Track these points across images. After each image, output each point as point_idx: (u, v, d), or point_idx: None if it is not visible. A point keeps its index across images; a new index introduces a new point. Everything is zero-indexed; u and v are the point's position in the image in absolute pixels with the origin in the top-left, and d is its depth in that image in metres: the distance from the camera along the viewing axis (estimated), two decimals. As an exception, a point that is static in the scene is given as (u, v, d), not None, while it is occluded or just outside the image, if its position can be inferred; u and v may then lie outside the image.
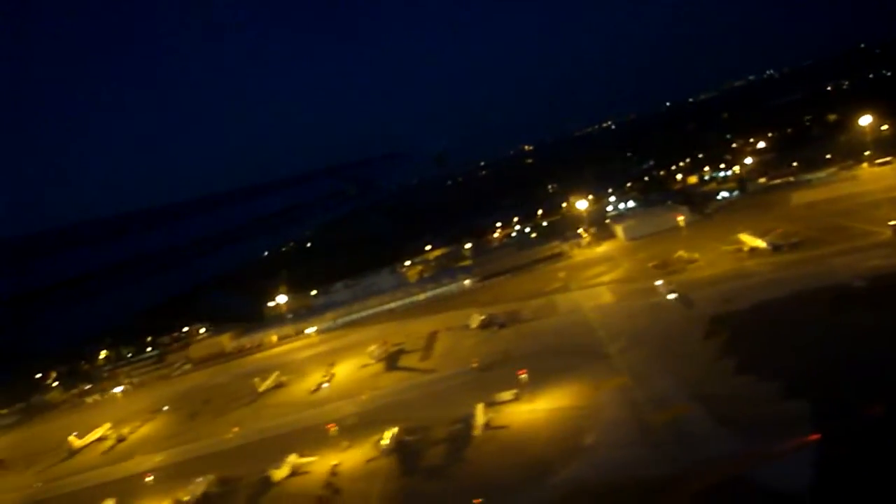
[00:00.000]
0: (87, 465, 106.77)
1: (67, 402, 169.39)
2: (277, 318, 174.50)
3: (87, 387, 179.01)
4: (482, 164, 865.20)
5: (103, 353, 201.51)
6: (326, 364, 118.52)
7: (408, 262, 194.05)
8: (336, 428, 79.64)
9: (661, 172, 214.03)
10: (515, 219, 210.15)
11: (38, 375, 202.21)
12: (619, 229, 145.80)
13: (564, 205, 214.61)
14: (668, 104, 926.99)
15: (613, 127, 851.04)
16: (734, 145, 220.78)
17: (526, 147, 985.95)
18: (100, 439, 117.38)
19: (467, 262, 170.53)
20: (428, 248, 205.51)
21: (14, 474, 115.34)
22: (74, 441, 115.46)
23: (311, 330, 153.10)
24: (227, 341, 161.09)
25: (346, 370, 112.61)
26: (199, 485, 76.85)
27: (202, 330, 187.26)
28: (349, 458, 74.35)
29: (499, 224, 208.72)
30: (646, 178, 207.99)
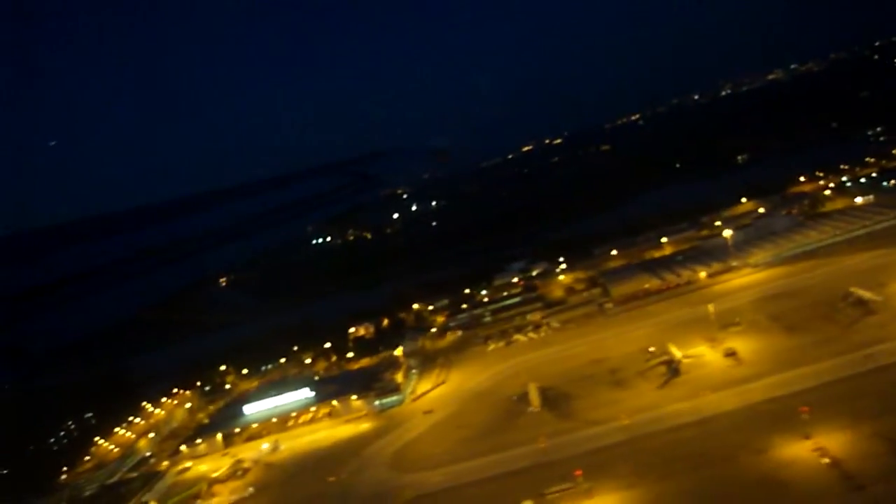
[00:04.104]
0: (716, 381, 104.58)
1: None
2: (667, 259, 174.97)
3: (458, 333, 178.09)
4: (510, 157, 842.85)
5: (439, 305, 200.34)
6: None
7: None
8: None
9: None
10: (819, 174, 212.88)
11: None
12: None
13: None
14: (696, 97, 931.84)
15: (642, 122, 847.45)
16: None
17: (547, 141, 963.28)
18: (665, 362, 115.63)
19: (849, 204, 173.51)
20: (743, 199, 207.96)
21: (618, 391, 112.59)
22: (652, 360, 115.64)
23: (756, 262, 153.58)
24: (645, 280, 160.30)
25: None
26: None
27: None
28: None
29: (802, 178, 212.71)
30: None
